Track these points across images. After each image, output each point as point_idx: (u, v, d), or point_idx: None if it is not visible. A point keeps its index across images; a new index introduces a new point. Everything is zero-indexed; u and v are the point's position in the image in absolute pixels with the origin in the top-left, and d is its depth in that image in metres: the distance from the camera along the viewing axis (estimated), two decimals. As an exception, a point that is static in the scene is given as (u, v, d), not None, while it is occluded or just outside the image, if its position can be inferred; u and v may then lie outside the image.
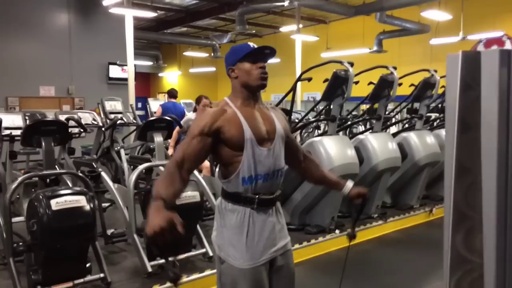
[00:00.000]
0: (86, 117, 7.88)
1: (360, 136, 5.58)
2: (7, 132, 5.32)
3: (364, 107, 9.68)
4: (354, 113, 8.39)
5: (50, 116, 6.35)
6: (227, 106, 1.93)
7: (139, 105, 13.49)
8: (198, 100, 5.92)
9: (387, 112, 7.28)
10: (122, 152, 6.19)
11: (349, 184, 2.17)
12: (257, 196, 1.91)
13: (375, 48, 14.18)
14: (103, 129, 6.30)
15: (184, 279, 3.68)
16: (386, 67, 5.56)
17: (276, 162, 1.95)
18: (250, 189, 1.90)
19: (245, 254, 1.91)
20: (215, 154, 1.93)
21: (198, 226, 4.01)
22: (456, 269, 1.10)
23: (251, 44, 1.99)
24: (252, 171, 1.88)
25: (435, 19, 11.94)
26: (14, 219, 4.05)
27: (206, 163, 5.21)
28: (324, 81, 5.01)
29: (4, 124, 5.39)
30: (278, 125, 1.98)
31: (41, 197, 3.16)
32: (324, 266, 4.41)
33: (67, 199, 3.20)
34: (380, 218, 5.55)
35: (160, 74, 22.14)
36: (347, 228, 5.16)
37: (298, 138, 8.48)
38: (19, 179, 3.42)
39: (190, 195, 3.78)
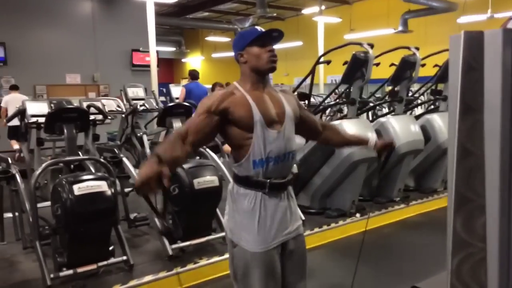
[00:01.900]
0: (111, 104, 8.01)
1: (381, 119, 5.51)
2: (34, 119, 5.47)
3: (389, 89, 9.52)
4: (378, 95, 8.28)
5: (75, 103, 6.49)
6: (236, 90, 1.94)
7: (164, 91, 13.64)
8: (213, 87, 5.95)
9: (410, 94, 7.15)
10: (145, 137, 6.30)
11: (372, 138, 2.28)
12: (268, 181, 1.92)
13: (400, 28, 13.85)
14: (122, 115, 6.42)
15: (205, 261, 3.76)
16: (408, 48, 5.44)
17: (287, 145, 1.95)
18: (261, 173, 1.91)
19: (257, 238, 1.92)
20: (226, 136, 1.95)
21: (217, 210, 4.06)
22: (457, 252, 1.09)
23: (259, 28, 1.98)
24: (262, 154, 1.89)
25: (462, -3, 11.57)
26: (43, 204, 4.21)
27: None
28: (344, 64, 4.96)
29: (31, 112, 5.54)
30: (288, 107, 1.99)
31: (64, 182, 3.26)
32: (344, 249, 4.41)
33: (88, 184, 3.30)
34: (402, 201, 5.49)
35: (183, 60, 22.27)
36: (368, 212, 5.15)
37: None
38: (43, 165, 3.53)
39: (209, 179, 3.83)
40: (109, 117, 5.87)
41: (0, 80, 10.87)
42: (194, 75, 8.24)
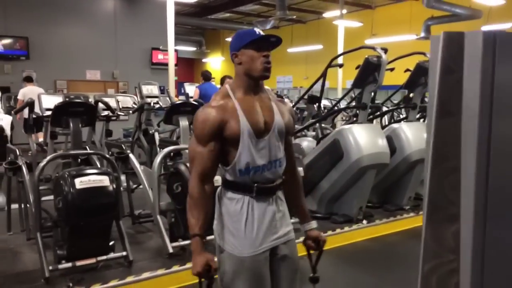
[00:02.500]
0: (127, 101, 8.11)
1: (394, 125, 5.42)
2: (48, 113, 5.55)
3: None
4: (395, 101, 8.16)
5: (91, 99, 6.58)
6: (228, 98, 1.89)
7: (183, 90, 13.72)
8: (222, 80, 5.94)
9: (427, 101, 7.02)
10: (156, 135, 6.33)
11: (313, 224, 2.10)
12: (255, 185, 1.88)
13: (422, 34, 13.61)
14: (130, 112, 6.47)
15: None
16: (424, 54, 5.34)
17: (273, 153, 1.90)
18: (248, 179, 1.88)
19: (244, 242, 1.88)
20: None
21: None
22: (426, 262, 1.04)
23: (257, 30, 1.92)
24: (248, 162, 1.85)
25: (487, 4, 11.29)
26: (51, 197, 4.26)
27: None
28: (356, 68, 4.89)
29: (45, 105, 5.64)
30: (278, 116, 1.93)
31: (66, 175, 3.29)
32: (348, 256, 4.34)
33: (90, 179, 3.32)
34: (412, 210, 5.38)
35: (203, 60, 22.39)
36: (375, 218, 5.06)
37: (338, 124, 8.36)
38: (47, 158, 3.57)
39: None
40: (120, 114, 5.90)
41: (22, 73, 11.09)
42: (206, 75, 8.29)
